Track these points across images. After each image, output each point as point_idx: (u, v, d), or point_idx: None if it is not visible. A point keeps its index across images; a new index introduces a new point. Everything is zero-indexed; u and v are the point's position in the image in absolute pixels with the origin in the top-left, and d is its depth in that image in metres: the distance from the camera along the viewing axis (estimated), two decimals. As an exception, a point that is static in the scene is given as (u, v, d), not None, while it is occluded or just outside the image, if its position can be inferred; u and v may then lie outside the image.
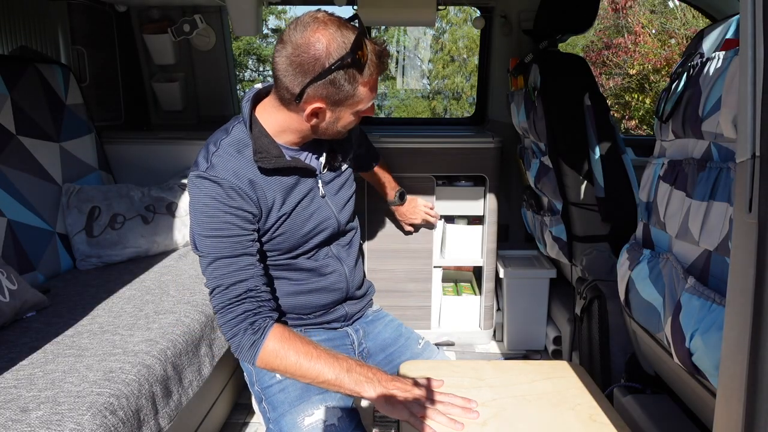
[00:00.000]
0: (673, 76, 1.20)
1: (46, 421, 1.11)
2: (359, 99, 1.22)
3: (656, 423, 1.32)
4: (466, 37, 18.63)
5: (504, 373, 1.30)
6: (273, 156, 1.27)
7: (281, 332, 1.21)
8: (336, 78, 1.16)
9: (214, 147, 1.28)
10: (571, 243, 2.11)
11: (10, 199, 1.88)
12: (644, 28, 10.00)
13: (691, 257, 1.09)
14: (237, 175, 1.25)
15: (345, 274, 1.46)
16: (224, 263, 1.21)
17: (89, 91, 2.60)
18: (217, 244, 1.21)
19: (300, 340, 1.21)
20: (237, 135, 1.30)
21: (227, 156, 1.26)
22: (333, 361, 1.18)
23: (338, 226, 1.43)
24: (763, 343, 0.62)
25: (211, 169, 1.24)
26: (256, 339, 1.19)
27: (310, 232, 1.37)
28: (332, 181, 1.42)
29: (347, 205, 1.47)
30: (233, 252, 1.22)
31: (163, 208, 2.28)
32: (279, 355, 1.18)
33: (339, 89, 1.17)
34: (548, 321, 2.59)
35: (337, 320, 1.49)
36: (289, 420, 1.28)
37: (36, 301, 1.66)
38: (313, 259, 1.41)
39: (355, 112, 1.25)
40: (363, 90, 1.21)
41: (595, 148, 1.93)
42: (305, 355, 1.18)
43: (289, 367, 1.18)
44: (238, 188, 1.24)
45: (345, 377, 1.16)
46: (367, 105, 1.24)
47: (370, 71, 1.19)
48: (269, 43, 20.74)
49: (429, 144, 2.46)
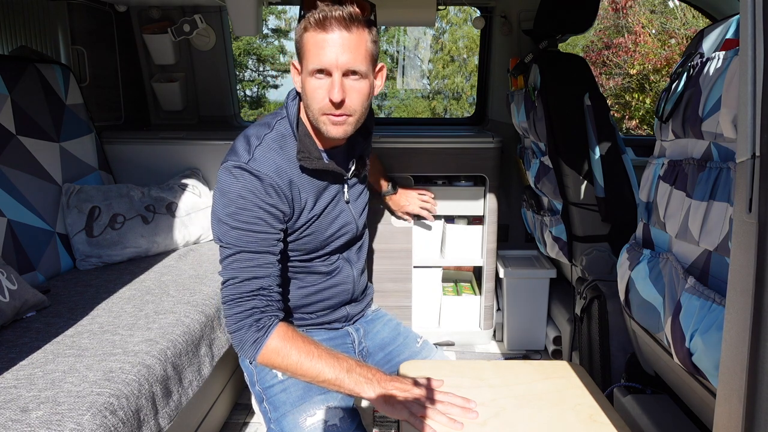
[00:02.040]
0: (673, 76, 1.20)
1: (46, 421, 1.11)
2: (305, 51, 1.22)
3: (656, 423, 1.32)
4: (466, 37, 18.63)
5: (504, 373, 1.30)
6: (314, 157, 1.29)
7: (285, 331, 1.21)
8: (296, 30, 1.24)
9: (256, 140, 1.28)
10: (571, 243, 2.11)
11: (10, 199, 1.88)
12: (644, 28, 10.00)
13: (691, 257, 1.09)
14: (279, 172, 1.26)
15: (353, 277, 1.49)
16: (246, 257, 1.22)
17: (89, 91, 2.60)
18: (244, 237, 1.22)
19: (302, 339, 1.21)
20: (280, 131, 1.31)
21: (271, 152, 1.27)
22: (333, 361, 1.18)
23: (356, 230, 1.46)
24: (763, 343, 0.62)
25: (254, 162, 1.24)
26: (260, 336, 1.19)
27: (332, 235, 1.40)
28: (355, 187, 1.46)
29: (364, 211, 1.51)
30: (257, 248, 1.23)
31: (163, 208, 2.28)
32: (281, 353, 1.19)
33: (296, 39, 1.24)
34: (548, 321, 2.59)
35: (339, 321, 1.51)
36: (291, 420, 1.28)
37: (36, 301, 1.66)
38: (327, 263, 1.43)
39: (308, 72, 1.22)
40: (306, 37, 1.20)
41: (595, 148, 1.93)
42: (307, 354, 1.18)
43: (291, 366, 1.19)
44: (277, 186, 1.25)
45: (345, 377, 1.16)
46: (312, 63, 1.20)
47: (309, 21, 1.19)
48: (269, 43, 20.73)
49: (429, 144, 2.46)
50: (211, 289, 1.87)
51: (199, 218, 2.39)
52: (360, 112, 1.27)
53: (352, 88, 1.22)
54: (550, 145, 2.09)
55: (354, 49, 1.20)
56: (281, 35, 20.90)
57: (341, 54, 1.18)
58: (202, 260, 2.17)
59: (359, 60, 1.21)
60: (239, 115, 3.23)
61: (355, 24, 1.19)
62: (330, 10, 1.17)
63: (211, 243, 2.42)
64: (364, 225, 1.53)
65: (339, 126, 1.25)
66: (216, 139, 2.58)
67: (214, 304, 1.80)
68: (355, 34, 1.19)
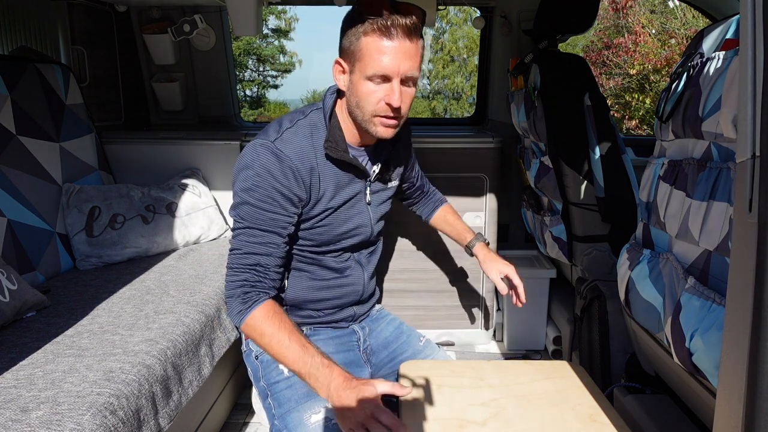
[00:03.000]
0: (673, 76, 1.20)
1: (46, 421, 1.11)
2: (362, 54, 1.23)
3: (656, 423, 1.32)
4: (466, 37, 18.64)
5: (504, 373, 1.30)
6: (341, 149, 1.33)
7: (267, 309, 1.24)
8: (348, 32, 1.25)
9: (288, 124, 1.34)
10: (571, 243, 2.11)
11: (10, 199, 1.88)
12: (644, 28, 10.00)
13: (691, 257, 1.09)
14: (301, 157, 1.30)
15: (363, 279, 1.51)
16: (252, 233, 1.28)
17: (89, 91, 2.60)
18: (255, 214, 1.27)
19: (280, 323, 1.22)
20: (313, 119, 1.36)
21: (300, 136, 1.32)
22: (300, 352, 1.17)
23: (370, 235, 1.49)
24: (763, 343, 0.62)
25: (280, 142, 1.29)
26: (243, 309, 1.24)
27: (345, 233, 1.42)
28: (378, 192, 1.48)
29: (382, 219, 1.54)
30: (265, 227, 1.28)
31: (163, 208, 2.28)
32: (257, 330, 1.23)
33: (349, 41, 1.25)
34: (548, 321, 2.59)
35: (345, 320, 1.53)
36: (296, 417, 1.28)
37: (36, 301, 1.66)
38: (338, 260, 1.46)
39: (365, 77, 1.24)
40: (366, 42, 1.21)
41: (595, 148, 1.93)
42: (278, 339, 1.20)
43: (263, 344, 1.23)
44: (296, 169, 1.29)
45: (304, 372, 1.15)
46: (372, 69, 1.22)
47: (373, 27, 1.21)
48: (269, 43, 20.74)
49: (429, 144, 2.46)
50: (211, 289, 1.87)
51: (199, 218, 2.39)
52: (407, 114, 1.34)
53: (407, 93, 1.27)
54: (550, 145, 2.09)
55: (413, 57, 1.24)
56: (281, 35, 20.91)
57: (403, 62, 1.22)
58: (202, 260, 2.17)
59: (416, 67, 1.26)
60: (239, 115, 3.23)
61: (415, 33, 1.23)
62: (396, 18, 1.20)
63: (211, 243, 2.42)
64: (379, 232, 1.55)
65: (390, 129, 1.30)
66: (216, 139, 2.58)
67: (214, 304, 1.80)
68: (415, 43, 1.24)
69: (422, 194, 1.85)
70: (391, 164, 1.50)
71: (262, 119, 15.29)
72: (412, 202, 1.87)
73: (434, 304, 2.62)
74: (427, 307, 2.62)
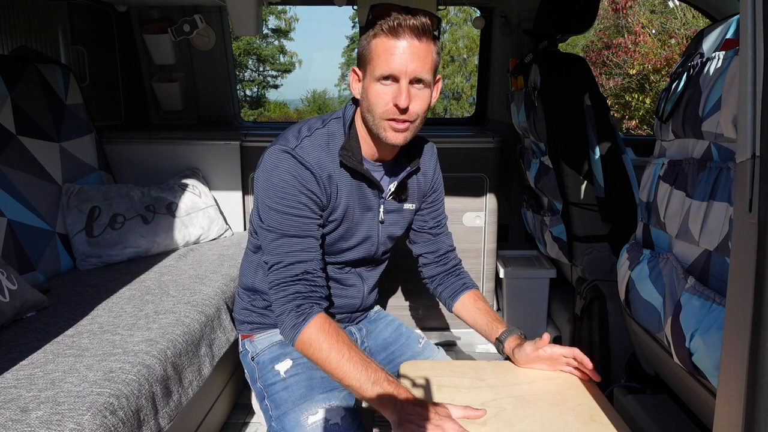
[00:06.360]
0: (673, 76, 1.20)
1: (46, 421, 1.11)
2: (371, 57, 1.23)
3: (656, 423, 1.32)
4: (466, 37, 18.64)
5: (504, 373, 1.30)
6: (356, 159, 1.32)
7: (322, 323, 1.22)
8: (362, 39, 1.27)
9: (307, 131, 1.33)
10: (571, 243, 2.11)
11: (10, 199, 1.88)
12: (644, 28, 10.00)
13: (691, 257, 1.09)
14: (320, 165, 1.30)
15: (363, 292, 1.51)
16: (291, 241, 1.26)
17: (89, 91, 2.60)
18: (287, 221, 1.26)
19: (337, 336, 1.20)
20: (331, 129, 1.35)
21: (317, 145, 1.32)
22: (362, 367, 1.15)
23: (375, 252, 1.47)
24: (763, 343, 0.62)
25: (300, 149, 1.29)
26: (298, 322, 1.21)
27: (351, 247, 1.41)
28: (393, 213, 1.46)
29: (392, 240, 1.51)
30: (300, 232, 1.27)
31: (163, 208, 2.28)
32: (314, 344, 1.19)
33: (362, 47, 1.27)
34: (548, 321, 2.59)
35: (341, 321, 1.53)
36: (293, 418, 1.28)
37: (36, 301, 1.66)
38: (340, 271, 1.45)
39: (375, 78, 1.24)
40: (375, 43, 1.22)
41: (595, 148, 1.93)
42: (338, 352, 1.17)
43: (320, 360, 1.19)
44: (318, 176, 1.29)
45: (369, 388, 1.13)
46: (380, 69, 1.22)
47: (381, 28, 1.21)
48: (269, 43, 20.75)
49: None
50: (211, 289, 1.87)
51: (199, 218, 2.39)
52: (421, 118, 1.29)
53: (417, 95, 1.25)
54: (550, 145, 2.09)
55: (423, 57, 1.22)
56: (281, 35, 20.92)
57: (411, 62, 1.21)
58: (202, 260, 2.17)
59: (426, 69, 1.24)
60: (239, 115, 3.23)
61: (425, 34, 1.22)
62: (403, 18, 1.20)
63: (211, 243, 2.42)
64: (385, 252, 1.52)
65: (400, 133, 1.27)
66: (216, 139, 2.58)
67: (214, 304, 1.80)
68: (425, 44, 1.23)
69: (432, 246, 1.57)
70: (408, 185, 1.46)
71: (262, 119, 15.30)
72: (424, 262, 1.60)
73: (434, 305, 2.62)
74: (427, 308, 2.62)
